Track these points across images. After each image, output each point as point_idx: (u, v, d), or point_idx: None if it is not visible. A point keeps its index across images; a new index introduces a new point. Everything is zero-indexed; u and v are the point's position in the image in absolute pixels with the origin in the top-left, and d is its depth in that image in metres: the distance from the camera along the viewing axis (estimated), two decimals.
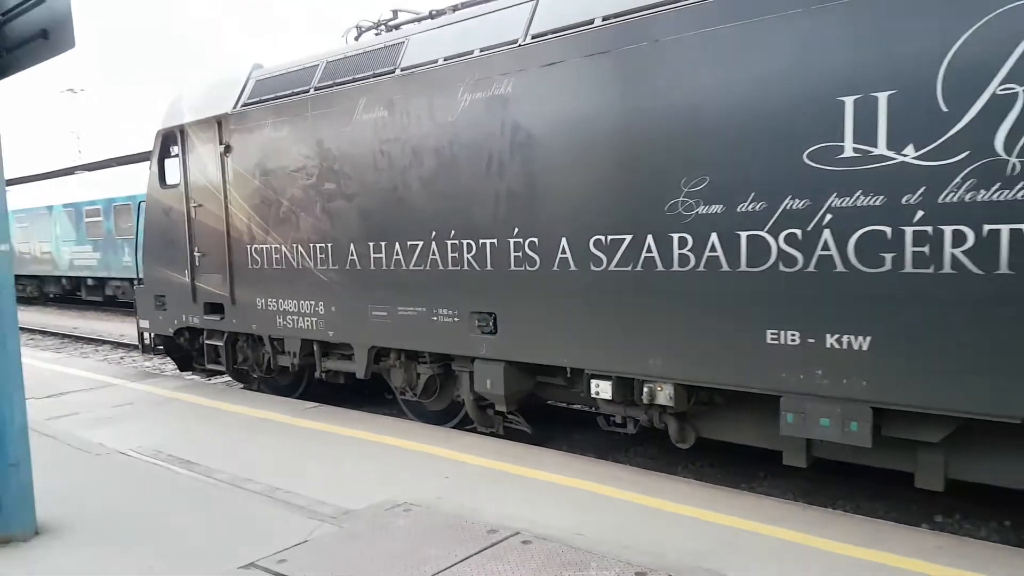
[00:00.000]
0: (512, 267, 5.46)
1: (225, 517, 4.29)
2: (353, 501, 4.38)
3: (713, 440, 5.16)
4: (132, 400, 7.67)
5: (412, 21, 7.00)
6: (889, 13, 3.74)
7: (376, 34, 7.23)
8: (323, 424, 6.34)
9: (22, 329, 16.87)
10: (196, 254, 8.35)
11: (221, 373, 9.06)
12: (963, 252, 3.59)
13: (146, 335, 9.57)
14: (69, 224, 21.84)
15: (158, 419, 6.86)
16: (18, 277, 23.74)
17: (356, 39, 7.54)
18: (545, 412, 6.82)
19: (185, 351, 9.24)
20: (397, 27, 7.14)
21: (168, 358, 9.84)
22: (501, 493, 4.53)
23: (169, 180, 8.70)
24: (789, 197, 4.09)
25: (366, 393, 8.07)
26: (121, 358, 12.96)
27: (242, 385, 8.98)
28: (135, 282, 9.91)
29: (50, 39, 3.58)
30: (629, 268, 4.81)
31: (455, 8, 6.51)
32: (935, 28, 3.60)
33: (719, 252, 4.39)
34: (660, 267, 4.66)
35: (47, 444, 5.89)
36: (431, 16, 6.80)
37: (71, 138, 73.93)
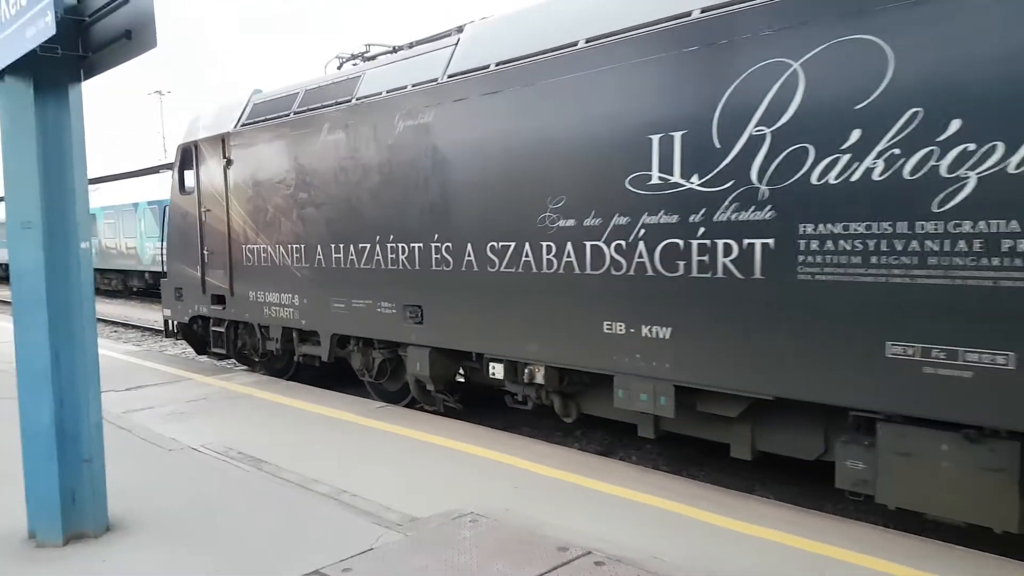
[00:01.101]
0: (433, 267, 6.60)
1: (292, 519, 4.29)
2: (419, 508, 4.36)
3: (784, 457, 5.03)
4: (206, 395, 7.86)
5: (382, 54, 8.21)
6: (680, 66, 4.73)
7: (353, 65, 8.47)
8: (392, 425, 6.38)
9: (107, 322, 18.49)
10: (205, 252, 9.79)
11: (227, 356, 10.50)
12: (730, 261, 4.55)
13: (169, 322, 11.13)
14: (153, 220, 22.73)
15: (230, 415, 6.99)
16: (104, 271, 26.05)
17: (338, 68, 8.81)
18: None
19: (199, 336, 10.72)
20: (373, 58, 8.36)
21: (185, 342, 11.36)
22: (572, 507, 4.42)
23: (186, 188, 10.18)
24: (617, 214, 5.11)
25: (347, 379, 9.32)
26: (194, 357, 14.64)
27: (246, 368, 10.39)
28: (162, 276, 11.47)
29: (133, 39, 3.59)
30: (513, 270, 5.89)
31: (410, 45, 7.69)
32: (712, 81, 4.57)
33: (572, 258, 5.43)
34: (534, 269, 5.72)
35: (122, 438, 6.14)
36: (393, 51, 8.01)
37: (157, 138, 79.15)
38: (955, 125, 3.64)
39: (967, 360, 3.67)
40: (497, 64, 5.95)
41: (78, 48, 3.84)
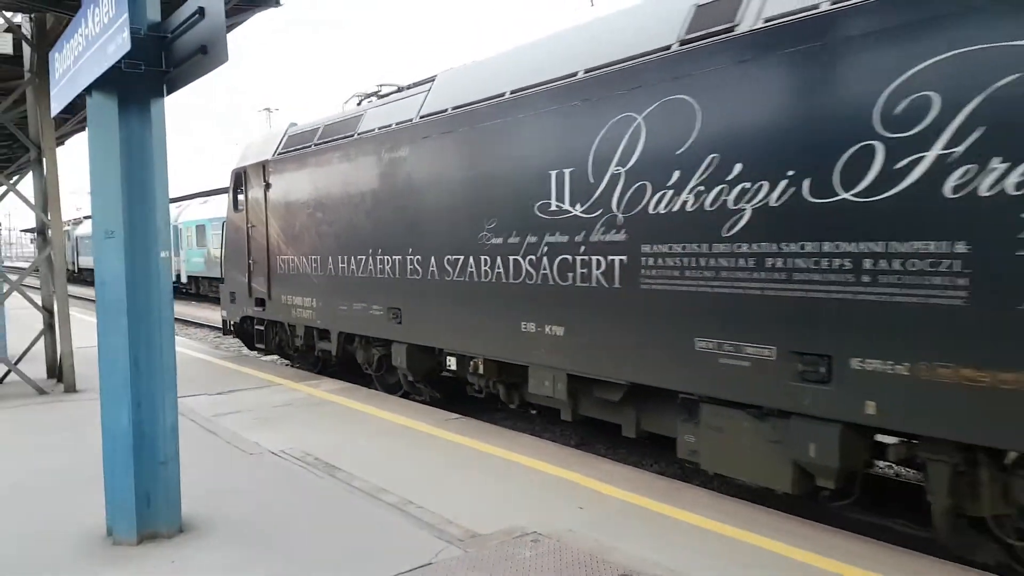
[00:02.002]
0: (408, 276, 7.99)
1: (358, 529, 4.40)
2: (482, 523, 4.41)
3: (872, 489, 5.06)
4: (291, 401, 8.22)
5: (389, 94, 9.71)
6: (568, 117, 5.93)
7: (361, 103, 10.01)
8: (462, 437, 6.52)
9: (209, 327, 20.70)
10: (251, 262, 11.59)
11: (268, 352, 12.25)
12: (600, 273, 5.70)
13: (226, 322, 13.03)
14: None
15: (312, 421, 7.27)
16: (211, 279, 29.20)
17: (358, 104, 10.38)
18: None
19: (249, 334, 12.54)
20: (381, 97, 9.87)
21: (239, 339, 13.24)
22: (638, 531, 4.33)
23: (238, 207, 12.03)
24: (529, 234, 6.34)
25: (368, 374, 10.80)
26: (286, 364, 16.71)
27: (287, 362, 12.10)
28: (220, 282, 13.41)
29: (208, 54, 3.71)
30: (462, 279, 7.19)
31: (409, 87, 9.15)
32: (588, 129, 5.74)
33: (500, 269, 6.69)
34: (475, 278, 7.01)
35: (209, 441, 6.49)
36: (399, 90, 9.48)
37: None
38: (738, 168, 4.70)
39: (747, 353, 4.71)
40: (452, 108, 7.30)
41: (161, 64, 4.09)
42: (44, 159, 9.03)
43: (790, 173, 4.40)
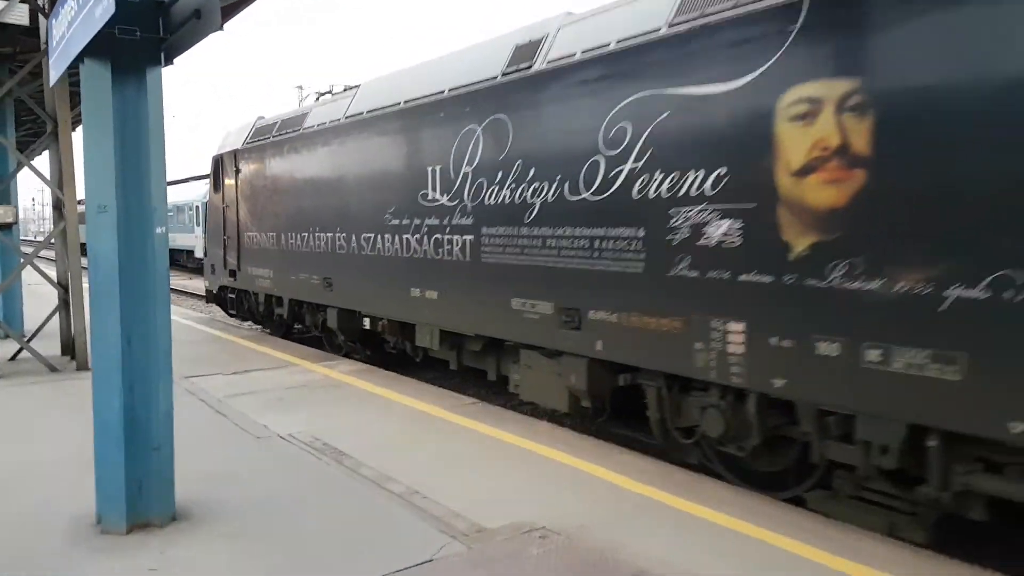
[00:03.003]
0: (337, 250, 9.84)
1: (360, 520, 4.33)
2: (490, 517, 4.33)
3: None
4: (307, 383, 8.20)
5: (339, 94, 11.49)
6: (439, 126, 7.69)
7: (314, 101, 11.81)
8: (477, 423, 6.46)
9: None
10: (225, 238, 13.52)
11: (240, 317, 14.23)
12: (458, 249, 7.49)
13: (208, 291, 15.04)
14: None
15: (325, 404, 7.28)
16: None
17: (316, 101, 12.19)
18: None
19: (224, 301, 14.52)
20: (340, 92, 11.66)
21: (217, 306, 15.25)
22: (654, 529, 4.23)
23: (216, 189, 13.95)
24: (415, 217, 8.14)
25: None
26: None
27: (261, 328, 14.05)
28: (204, 255, 15.38)
29: (201, 19, 3.63)
30: (373, 253, 9.02)
31: (345, 89, 10.93)
32: (449, 135, 7.50)
33: (397, 245, 8.50)
34: (382, 253, 8.83)
35: (218, 423, 6.50)
36: (344, 91, 11.27)
37: None
38: (532, 171, 6.45)
39: (538, 309, 6.49)
40: (367, 112, 9.08)
41: (159, 30, 3.97)
42: (59, 133, 9.16)
43: (558, 177, 6.15)
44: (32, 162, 10.16)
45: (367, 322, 9.52)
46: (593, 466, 5.30)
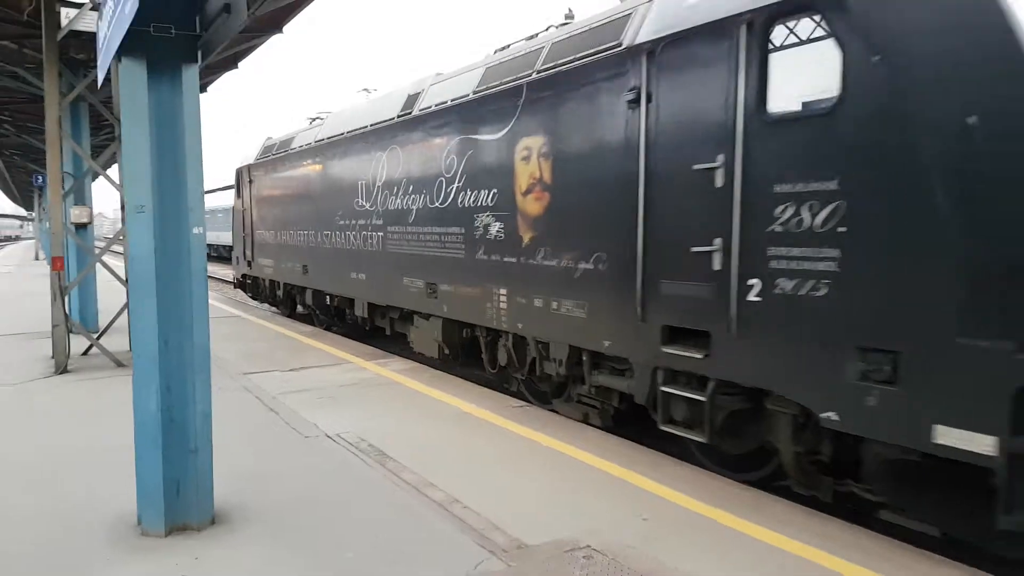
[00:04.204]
0: (311, 244, 12.72)
1: (398, 528, 4.27)
2: (530, 531, 4.20)
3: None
4: (358, 380, 8.35)
5: (317, 121, 14.38)
6: (364, 151, 10.45)
7: (309, 125, 14.74)
8: (522, 427, 6.39)
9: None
10: (244, 235, 16.65)
11: (257, 299, 17.33)
12: (374, 242, 10.23)
13: (235, 279, 18.25)
14: None
15: (374, 403, 7.34)
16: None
17: (309, 124, 15.14)
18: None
19: (248, 287, 17.68)
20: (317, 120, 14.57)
21: (241, 290, 18.44)
22: (706, 551, 3.98)
23: (238, 195, 17.10)
24: (352, 218, 10.91)
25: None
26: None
27: (276, 310, 17.11)
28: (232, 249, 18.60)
29: (231, 14, 3.64)
30: (330, 246, 11.85)
31: (321, 117, 13.81)
32: (370, 159, 10.23)
33: (343, 239, 11.30)
34: (337, 246, 11.64)
35: (268, 421, 6.61)
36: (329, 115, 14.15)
37: None
38: (411, 187, 9.13)
39: (415, 284, 9.17)
40: (328, 138, 11.92)
41: (195, 27, 3.96)
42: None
43: (424, 191, 8.83)
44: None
45: (328, 299, 12.40)
46: (643, 479, 5.10)
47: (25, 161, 26.19)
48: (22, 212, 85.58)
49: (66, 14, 9.07)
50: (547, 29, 7.61)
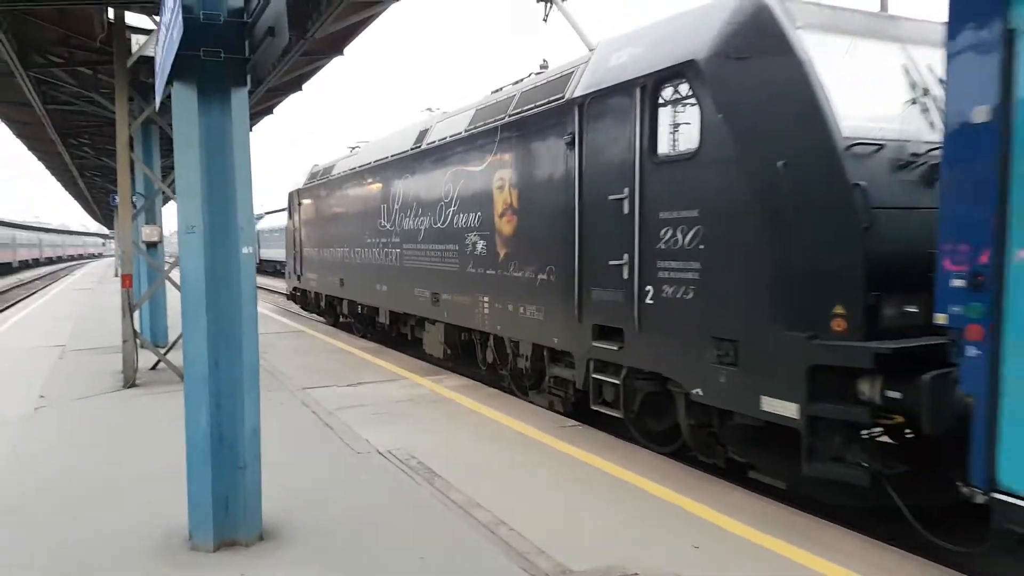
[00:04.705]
0: (345, 260, 14.35)
1: (443, 549, 4.29)
2: (576, 557, 4.13)
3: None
4: (413, 397, 8.44)
5: (355, 150, 16.09)
6: (386, 179, 12.01)
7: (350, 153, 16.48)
8: (573, 448, 6.33)
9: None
10: (294, 252, 18.50)
11: (307, 309, 19.14)
12: (395, 257, 11.74)
13: (288, 292, 20.15)
14: None
15: (426, 419, 7.41)
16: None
17: (350, 151, 16.87)
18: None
19: (294, 298, 19.51)
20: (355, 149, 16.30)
21: (293, 302, 20.32)
22: None
23: (290, 216, 18.98)
24: (378, 237, 12.47)
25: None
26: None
27: (322, 320, 18.86)
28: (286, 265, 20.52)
29: (276, 36, 3.70)
30: (362, 261, 13.43)
31: (357, 148, 15.49)
32: (390, 185, 11.77)
33: (371, 256, 12.87)
34: (367, 261, 13.21)
35: (322, 437, 6.70)
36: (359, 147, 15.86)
37: None
38: (420, 210, 10.60)
39: (424, 294, 10.61)
40: (358, 167, 13.55)
41: (244, 51, 4.08)
42: None
43: (430, 213, 10.28)
44: None
45: (358, 308, 14.00)
46: (697, 504, 4.98)
47: (105, 182, 27.21)
48: (105, 231, 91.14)
49: (136, 40, 9.63)
50: (529, 76, 9.00)
